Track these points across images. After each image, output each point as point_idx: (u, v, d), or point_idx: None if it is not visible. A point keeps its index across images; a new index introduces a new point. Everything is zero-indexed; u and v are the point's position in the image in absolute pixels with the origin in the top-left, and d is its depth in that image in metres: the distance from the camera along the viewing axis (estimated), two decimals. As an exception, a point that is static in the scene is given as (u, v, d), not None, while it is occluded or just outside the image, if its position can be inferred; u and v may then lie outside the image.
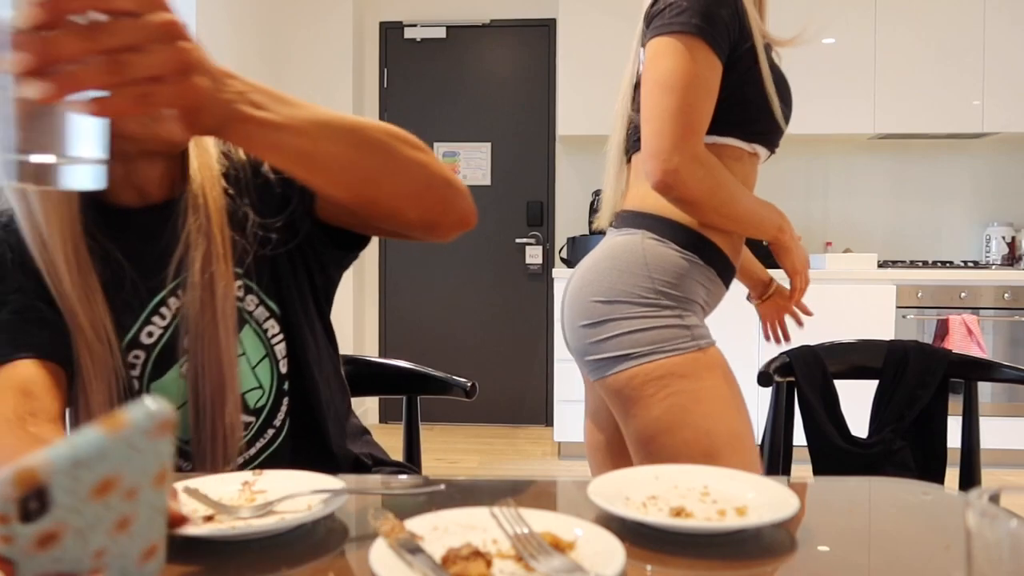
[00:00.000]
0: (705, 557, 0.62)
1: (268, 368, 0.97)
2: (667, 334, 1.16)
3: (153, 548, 0.47)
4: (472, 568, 0.55)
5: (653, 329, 1.16)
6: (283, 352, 0.98)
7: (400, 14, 4.44)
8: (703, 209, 1.16)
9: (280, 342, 0.97)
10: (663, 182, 1.13)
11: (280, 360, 0.97)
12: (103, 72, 0.51)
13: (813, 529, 0.68)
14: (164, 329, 0.91)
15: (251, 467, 0.96)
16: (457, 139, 4.45)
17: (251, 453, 0.97)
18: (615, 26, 3.90)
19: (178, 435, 0.88)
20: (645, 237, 1.21)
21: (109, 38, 0.51)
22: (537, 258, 4.42)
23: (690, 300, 1.20)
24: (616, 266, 1.21)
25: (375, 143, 0.75)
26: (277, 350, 0.97)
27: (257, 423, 0.96)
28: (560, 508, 0.74)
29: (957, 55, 3.83)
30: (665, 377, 1.15)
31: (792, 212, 4.21)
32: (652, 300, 1.17)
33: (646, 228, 1.22)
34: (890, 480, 0.84)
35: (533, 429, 4.37)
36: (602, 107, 3.94)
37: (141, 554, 0.46)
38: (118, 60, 0.51)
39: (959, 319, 3.49)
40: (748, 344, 3.60)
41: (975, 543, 0.42)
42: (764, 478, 0.74)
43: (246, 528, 0.64)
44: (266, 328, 0.96)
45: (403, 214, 0.83)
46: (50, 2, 0.48)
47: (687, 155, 1.12)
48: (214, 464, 0.90)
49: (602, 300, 1.20)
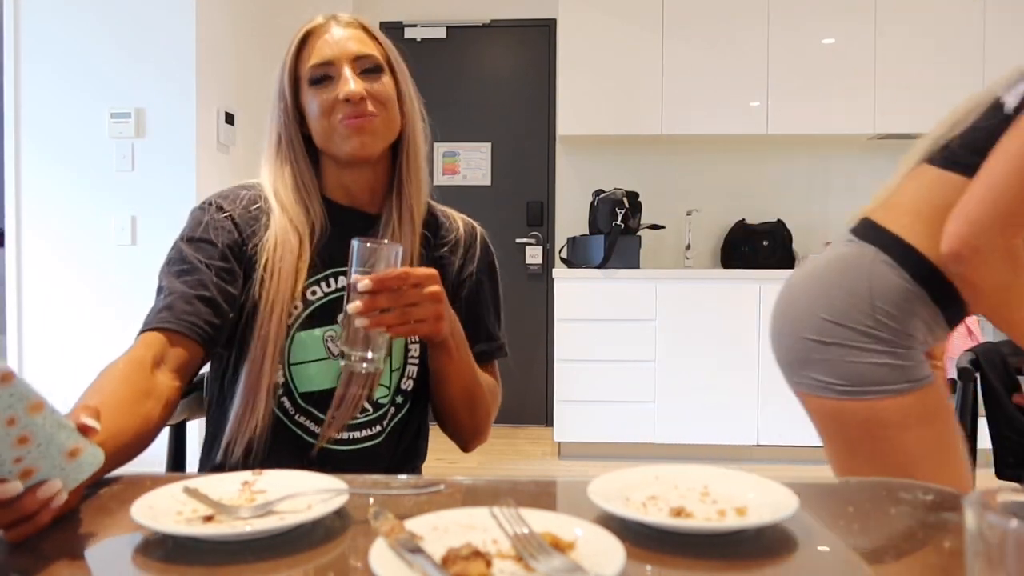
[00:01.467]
0: (705, 557, 0.62)
1: (396, 378, 1.13)
2: (879, 374, 1.11)
3: (75, 450, 0.66)
4: (472, 568, 0.55)
5: (865, 364, 1.12)
6: (412, 373, 1.15)
7: (400, 14, 4.44)
8: (981, 299, 1.08)
9: (415, 364, 1.15)
10: (958, 253, 1.04)
11: (406, 378, 1.14)
12: (399, 317, 0.94)
13: (813, 529, 0.68)
14: (324, 296, 1.10)
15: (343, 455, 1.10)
16: (457, 139, 4.45)
17: (346, 436, 1.10)
18: (615, 26, 3.90)
19: (323, 387, 1.10)
20: (877, 257, 1.15)
21: (405, 299, 0.94)
22: (537, 258, 4.42)
23: (909, 335, 1.13)
24: (841, 283, 1.16)
25: (476, 412, 1.15)
26: (409, 369, 1.14)
27: (370, 416, 1.11)
28: (560, 508, 0.73)
29: (957, 55, 3.82)
30: (869, 422, 1.11)
31: (792, 212, 4.21)
32: (870, 330, 1.12)
33: (882, 247, 1.16)
34: (890, 480, 0.84)
35: (533, 429, 4.37)
36: (602, 107, 3.94)
37: (64, 454, 0.65)
38: (407, 312, 0.94)
39: (959, 319, 3.49)
40: (747, 347, 3.61)
41: (975, 543, 0.42)
42: (764, 478, 0.74)
43: (246, 528, 0.64)
44: (410, 349, 1.14)
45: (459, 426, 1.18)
46: (379, 281, 0.91)
47: (999, 243, 1.03)
48: (345, 410, 1.08)
49: (830, 320, 1.15)
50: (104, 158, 3.07)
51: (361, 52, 1.10)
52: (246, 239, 1.09)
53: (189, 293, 1.02)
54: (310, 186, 1.12)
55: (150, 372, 0.93)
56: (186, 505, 0.69)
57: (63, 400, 0.86)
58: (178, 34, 3.05)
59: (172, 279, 1.04)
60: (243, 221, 1.11)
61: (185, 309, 1.00)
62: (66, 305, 3.08)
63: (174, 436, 1.22)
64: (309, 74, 1.10)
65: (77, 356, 3.03)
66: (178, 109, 3.06)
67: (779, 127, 3.91)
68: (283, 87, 1.12)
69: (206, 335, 1.01)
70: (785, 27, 3.88)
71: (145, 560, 0.62)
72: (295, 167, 1.12)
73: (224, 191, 1.15)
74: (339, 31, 1.11)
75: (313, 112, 1.10)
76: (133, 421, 0.86)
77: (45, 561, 0.62)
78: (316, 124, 1.10)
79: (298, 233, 1.09)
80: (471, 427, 1.16)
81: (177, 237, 1.10)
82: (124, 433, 0.83)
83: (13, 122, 3.08)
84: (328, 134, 1.10)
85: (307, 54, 1.11)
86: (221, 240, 1.08)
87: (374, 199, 1.16)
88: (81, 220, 3.07)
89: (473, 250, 1.22)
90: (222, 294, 1.04)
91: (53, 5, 3.05)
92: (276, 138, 1.13)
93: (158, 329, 0.99)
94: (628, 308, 3.66)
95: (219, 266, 1.06)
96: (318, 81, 1.10)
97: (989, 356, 1.56)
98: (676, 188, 4.28)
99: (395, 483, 0.81)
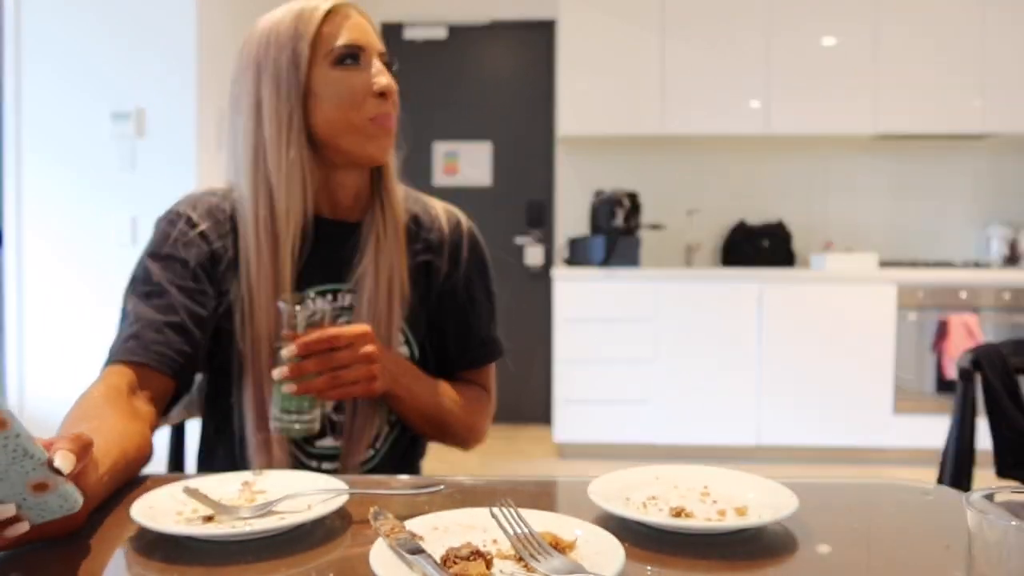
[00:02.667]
0: (705, 557, 0.62)
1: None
2: None
3: (41, 484, 0.58)
4: (472, 568, 0.55)
5: None
6: None
7: (400, 14, 4.44)
8: None
9: None
10: None
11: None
12: (329, 382, 0.91)
13: (813, 529, 0.68)
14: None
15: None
16: (457, 139, 4.44)
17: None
18: (615, 26, 3.90)
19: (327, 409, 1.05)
20: None
21: (334, 362, 0.91)
22: (537, 258, 4.42)
23: None
24: None
25: (453, 434, 1.11)
26: None
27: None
28: (560, 508, 0.73)
29: (957, 55, 3.82)
30: None
31: (792, 212, 4.21)
32: None
33: None
34: (890, 480, 0.84)
35: (533, 429, 4.37)
36: (602, 107, 3.94)
37: (29, 487, 0.58)
38: (337, 376, 0.91)
39: (960, 319, 3.49)
40: (747, 347, 3.61)
41: (975, 543, 0.42)
42: (764, 478, 0.74)
43: (246, 528, 0.64)
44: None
45: (441, 441, 1.14)
46: (304, 346, 0.89)
47: None
48: (357, 439, 1.04)
49: None
50: (104, 158, 3.07)
51: (383, 48, 1.02)
52: (217, 254, 1.00)
53: (158, 320, 0.94)
54: (309, 191, 1.00)
55: (127, 399, 0.87)
56: (186, 505, 0.69)
57: (62, 401, 0.87)
58: (178, 34, 3.05)
59: (138, 302, 0.96)
60: (214, 235, 1.01)
61: (154, 339, 0.92)
62: (66, 305, 3.08)
63: (174, 436, 1.22)
64: (338, 53, 0.97)
65: (77, 356, 3.03)
66: (178, 109, 3.06)
67: (779, 127, 3.91)
68: (299, 59, 0.96)
69: (177, 365, 0.94)
70: (785, 27, 3.88)
71: (145, 560, 0.62)
72: (301, 161, 0.98)
73: (193, 198, 1.05)
74: (362, 20, 1.02)
75: (337, 97, 0.97)
76: (132, 440, 0.80)
77: (45, 561, 0.62)
78: (335, 113, 0.98)
79: (277, 253, 0.98)
80: (452, 443, 1.13)
81: (143, 251, 1.01)
82: (127, 453, 0.78)
83: (14, 122, 3.08)
84: (348, 128, 0.98)
85: (331, 31, 0.98)
86: (191, 257, 0.98)
87: (357, 206, 1.07)
88: (81, 220, 3.07)
89: (460, 251, 1.12)
90: (192, 318, 0.96)
91: (54, 6, 3.05)
92: (286, 124, 0.97)
93: (126, 362, 0.91)
94: (628, 308, 3.66)
95: (189, 287, 0.97)
96: (344, 63, 0.98)
97: (989, 356, 1.56)
98: (676, 188, 4.28)
99: (395, 483, 0.81)
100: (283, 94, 0.97)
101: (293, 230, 0.99)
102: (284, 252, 0.99)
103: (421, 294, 1.09)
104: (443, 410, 1.07)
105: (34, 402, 3.04)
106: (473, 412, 1.13)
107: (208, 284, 0.99)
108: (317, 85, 0.98)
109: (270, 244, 0.99)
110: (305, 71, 0.97)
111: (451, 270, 1.12)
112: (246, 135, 1.00)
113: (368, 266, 1.03)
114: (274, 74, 0.98)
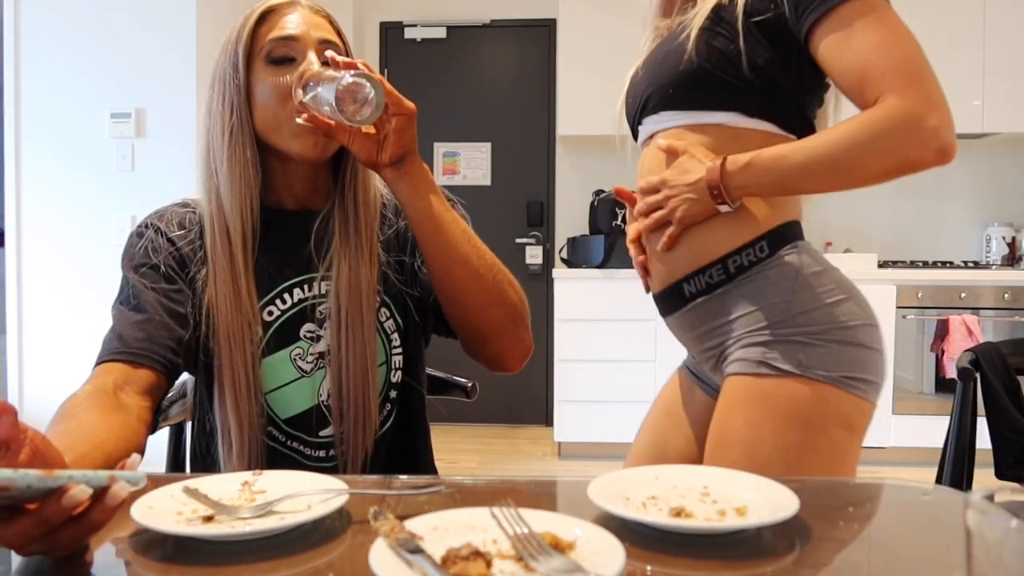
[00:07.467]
0: (705, 557, 0.62)
1: (384, 372, 1.09)
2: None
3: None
4: (472, 568, 0.55)
5: None
6: (399, 364, 1.11)
7: (400, 14, 4.44)
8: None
9: (399, 354, 1.11)
10: (950, 143, 0.97)
11: (395, 370, 1.10)
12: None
13: (813, 529, 0.68)
14: (282, 314, 1.05)
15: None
16: (457, 139, 4.44)
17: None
18: (615, 26, 3.90)
19: (304, 408, 1.05)
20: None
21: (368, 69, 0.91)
22: (537, 258, 4.42)
23: None
24: None
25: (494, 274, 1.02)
26: (394, 360, 1.10)
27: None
28: (560, 508, 0.73)
29: (957, 55, 3.82)
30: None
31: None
32: None
33: None
34: (890, 480, 0.84)
35: (533, 429, 4.37)
36: (602, 107, 3.93)
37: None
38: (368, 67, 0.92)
39: (959, 319, 3.49)
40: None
41: (975, 543, 0.42)
42: (764, 478, 0.74)
43: (246, 528, 0.64)
44: (392, 339, 1.09)
45: (483, 328, 1.05)
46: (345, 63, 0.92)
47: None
48: (355, 444, 1.03)
49: None
50: (104, 158, 3.07)
51: (326, 37, 1.02)
52: (186, 258, 1.04)
53: (139, 319, 0.97)
54: (254, 186, 1.02)
55: (112, 394, 0.88)
56: (186, 505, 0.69)
57: (61, 400, 0.87)
58: (178, 34, 3.05)
59: (122, 310, 1.00)
60: (183, 241, 1.05)
61: (136, 336, 0.95)
62: (66, 305, 3.08)
63: (174, 436, 1.22)
64: (268, 48, 1.00)
65: (77, 356, 3.03)
66: (178, 109, 3.06)
67: (779, 127, 3.91)
68: (236, 60, 1.00)
69: (162, 359, 0.96)
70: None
71: (145, 560, 0.62)
72: (244, 163, 1.01)
73: (160, 210, 1.10)
74: (306, 14, 1.03)
75: (264, 95, 1.00)
76: (110, 432, 0.81)
77: (45, 561, 0.62)
78: (264, 111, 1.01)
79: (231, 248, 1.01)
80: (502, 312, 1.03)
81: (121, 267, 1.05)
82: (102, 445, 0.78)
83: (14, 122, 3.08)
84: (276, 125, 1.01)
85: (267, 29, 1.01)
86: (162, 260, 1.02)
87: (318, 196, 1.09)
88: (81, 220, 3.07)
89: (409, 238, 1.12)
90: (172, 315, 0.99)
91: (53, 5, 3.05)
92: (228, 125, 1.00)
93: (111, 361, 0.94)
94: (628, 308, 3.66)
95: (164, 288, 1.01)
96: (278, 61, 1.00)
97: (989, 356, 1.56)
98: (676, 188, 4.27)
99: (395, 483, 0.81)
100: (226, 97, 1.01)
101: (242, 225, 1.01)
102: (236, 247, 1.01)
103: (405, 260, 1.12)
104: (482, 250, 1.01)
105: (33, 401, 3.05)
106: (516, 285, 1.07)
107: (184, 284, 1.03)
108: (254, 85, 1.01)
109: (224, 240, 1.01)
110: (244, 72, 1.01)
111: (403, 261, 1.13)
112: (199, 138, 1.06)
113: (337, 251, 1.05)
114: (220, 77, 1.03)
